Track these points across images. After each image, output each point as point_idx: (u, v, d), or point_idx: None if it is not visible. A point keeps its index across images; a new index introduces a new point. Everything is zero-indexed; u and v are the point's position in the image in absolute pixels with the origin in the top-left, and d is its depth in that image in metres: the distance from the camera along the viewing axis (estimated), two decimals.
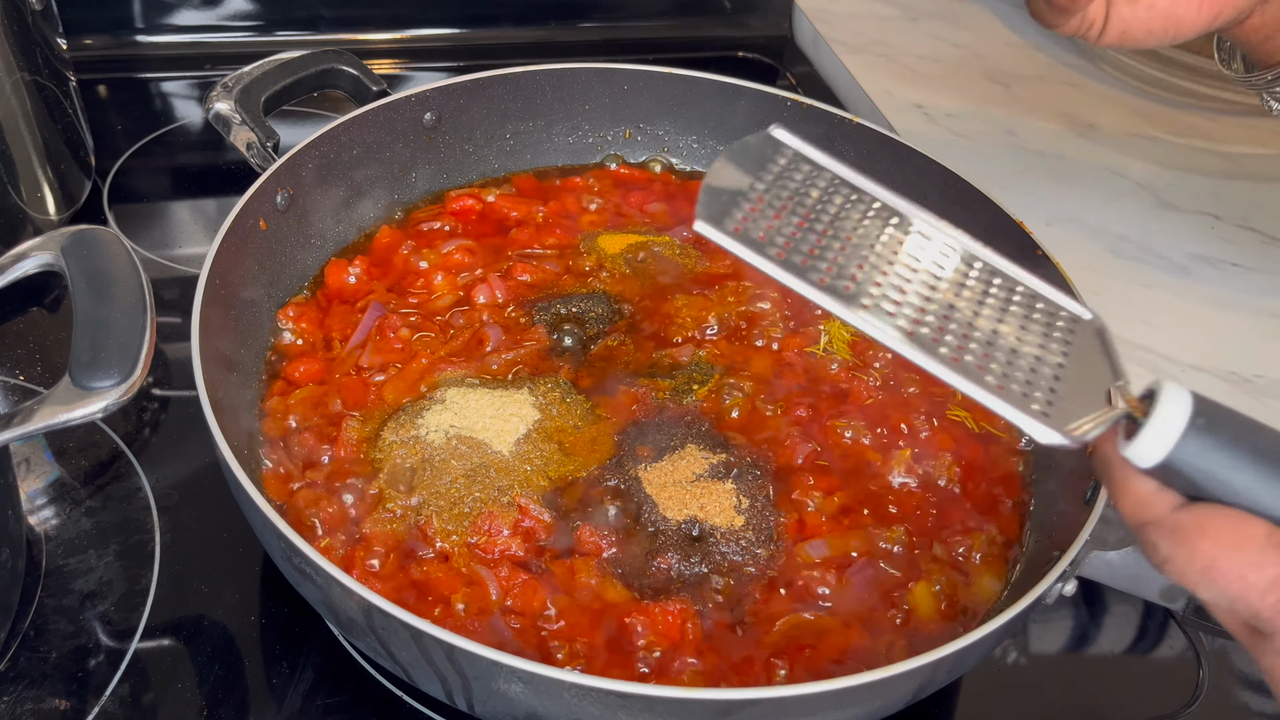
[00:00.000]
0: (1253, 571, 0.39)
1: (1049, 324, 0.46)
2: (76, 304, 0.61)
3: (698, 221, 0.45)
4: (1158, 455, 0.41)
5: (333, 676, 0.67)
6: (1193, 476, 0.40)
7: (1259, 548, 0.39)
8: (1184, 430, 0.40)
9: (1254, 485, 0.39)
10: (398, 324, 0.79)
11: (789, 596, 0.66)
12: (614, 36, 1.35)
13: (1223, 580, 0.40)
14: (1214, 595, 0.40)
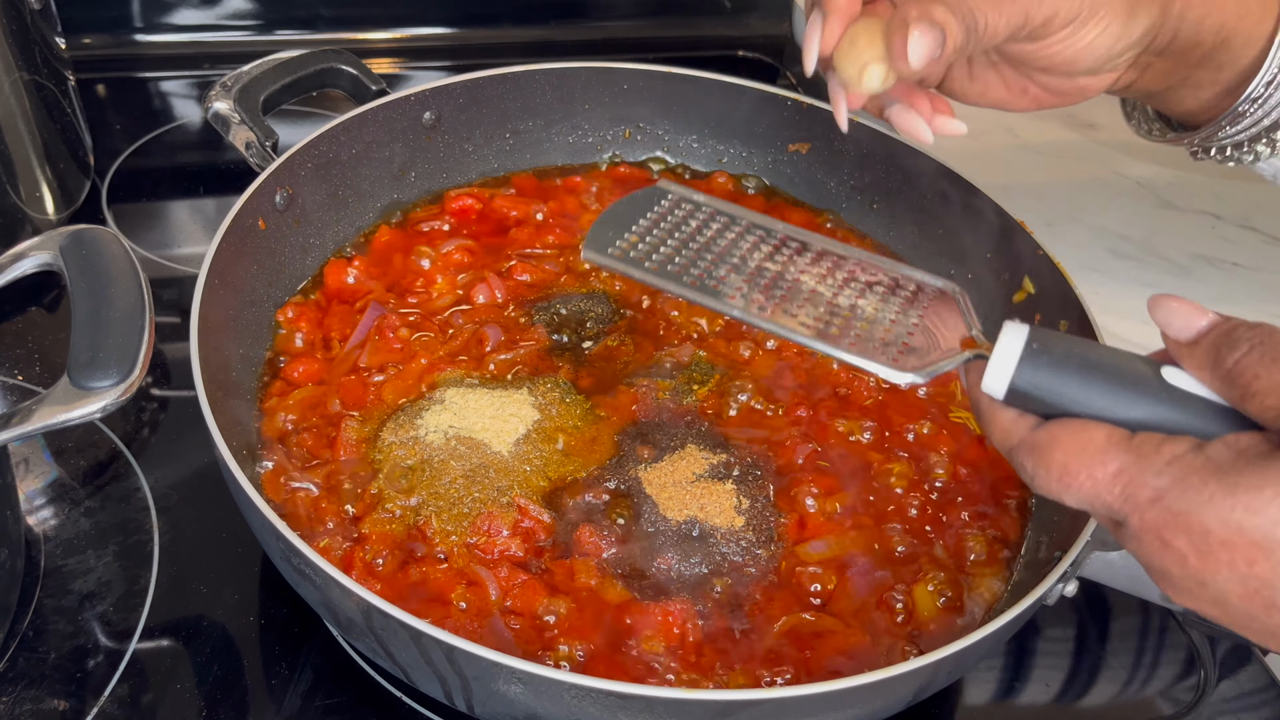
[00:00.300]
0: (1098, 469, 0.44)
1: (911, 298, 0.53)
2: (75, 304, 0.61)
3: (583, 251, 0.55)
4: (1003, 381, 0.46)
5: (332, 677, 0.67)
6: (1039, 396, 0.46)
7: (1100, 448, 0.44)
8: (1020, 356, 0.46)
9: (1088, 395, 0.45)
10: (397, 324, 0.79)
11: (789, 597, 0.66)
12: (614, 36, 1.35)
13: (1075, 483, 0.44)
14: (1075, 499, 0.45)
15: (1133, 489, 0.43)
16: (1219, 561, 0.41)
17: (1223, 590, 0.42)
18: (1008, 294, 0.82)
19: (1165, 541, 0.42)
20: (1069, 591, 0.61)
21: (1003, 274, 0.83)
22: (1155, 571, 0.44)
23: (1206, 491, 0.41)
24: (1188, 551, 0.42)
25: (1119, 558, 0.60)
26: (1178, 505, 0.42)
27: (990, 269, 0.84)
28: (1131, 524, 0.43)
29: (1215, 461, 0.42)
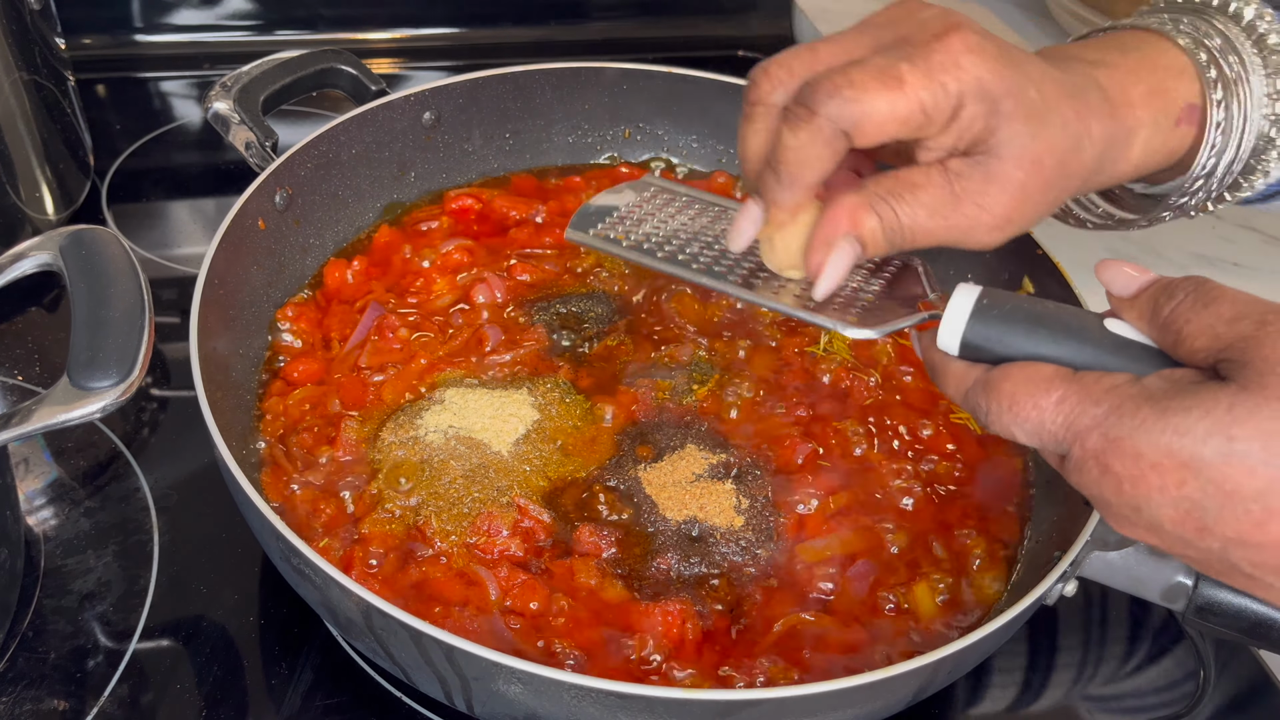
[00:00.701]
0: (1043, 398, 0.46)
1: (874, 269, 0.57)
2: (75, 304, 0.61)
3: (567, 231, 0.59)
4: (955, 335, 0.50)
5: (332, 677, 0.67)
6: (990, 348, 0.49)
7: (1045, 379, 0.46)
8: (971, 311, 0.50)
9: (1036, 344, 0.48)
10: (397, 324, 0.79)
11: (789, 597, 0.66)
12: (614, 36, 1.35)
13: (1023, 412, 0.47)
14: (1022, 430, 0.47)
15: (1074, 417, 0.45)
16: (1150, 486, 0.43)
17: (1156, 515, 0.44)
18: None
19: (1104, 467, 0.44)
20: (1068, 591, 0.61)
21: (1002, 274, 0.83)
22: (1096, 501, 0.46)
23: (1139, 416, 0.43)
24: (1123, 477, 0.44)
25: (1119, 557, 0.60)
26: (1114, 431, 0.44)
27: (990, 269, 0.84)
28: (1074, 454, 0.45)
29: (1149, 390, 0.44)
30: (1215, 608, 0.59)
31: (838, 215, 0.52)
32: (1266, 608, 0.58)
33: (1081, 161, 0.55)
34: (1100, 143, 0.56)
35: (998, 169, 0.52)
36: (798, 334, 0.82)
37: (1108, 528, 0.60)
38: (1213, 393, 0.42)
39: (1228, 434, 0.42)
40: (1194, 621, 0.60)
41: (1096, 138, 0.55)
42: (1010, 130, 0.51)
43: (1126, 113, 0.57)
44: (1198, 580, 0.59)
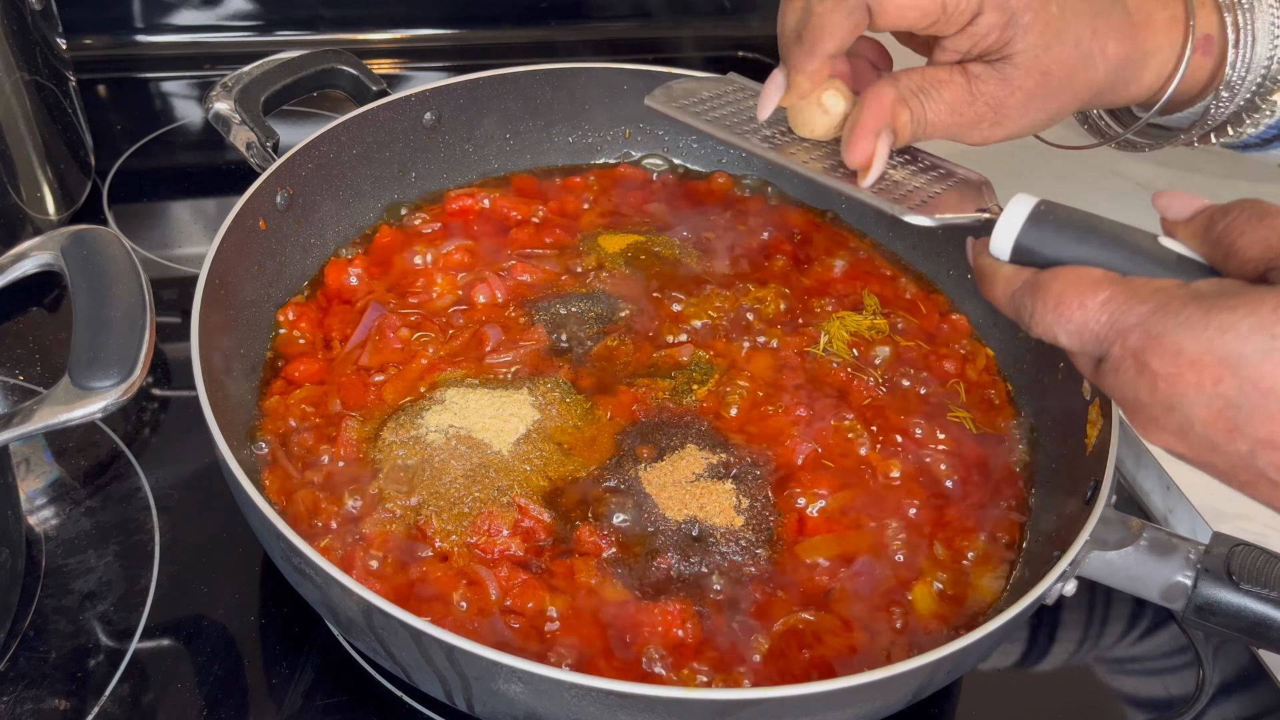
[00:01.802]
0: (1089, 297, 0.47)
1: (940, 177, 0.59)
2: (76, 304, 0.61)
3: (647, 99, 0.63)
4: (1009, 238, 0.51)
5: (333, 676, 0.67)
6: (1043, 253, 0.50)
7: (1094, 280, 0.47)
8: (1026, 218, 0.51)
9: (1089, 251, 0.49)
10: (397, 324, 0.79)
11: (789, 596, 0.66)
12: (614, 36, 1.35)
13: (1068, 311, 0.47)
14: (1066, 330, 0.47)
15: (1119, 314, 0.46)
16: (1187, 383, 0.43)
17: (1189, 414, 0.44)
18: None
19: (1142, 365, 0.45)
20: (1068, 591, 0.61)
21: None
22: (1128, 404, 0.46)
23: (1184, 314, 0.44)
24: (1160, 374, 0.44)
25: (1118, 557, 0.60)
26: (1157, 328, 0.44)
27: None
28: (1113, 353, 0.46)
29: (1197, 290, 0.45)
30: (1214, 607, 0.59)
31: (878, 107, 0.56)
32: (1266, 607, 0.58)
33: (1092, 77, 0.58)
34: (1114, 61, 0.58)
35: (1011, 75, 0.56)
36: (798, 334, 0.82)
37: (1107, 527, 0.61)
38: (1260, 294, 0.43)
39: (1271, 332, 0.42)
40: (1193, 621, 0.60)
41: (1111, 56, 0.58)
42: (1025, 42, 0.55)
43: (1146, 35, 0.59)
44: (1197, 580, 0.59)
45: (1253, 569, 0.58)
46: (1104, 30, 0.57)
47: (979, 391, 0.80)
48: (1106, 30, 0.58)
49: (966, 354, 0.83)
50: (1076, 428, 0.71)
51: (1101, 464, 0.65)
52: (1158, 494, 0.85)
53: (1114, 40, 0.58)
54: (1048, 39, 0.55)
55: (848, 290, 0.87)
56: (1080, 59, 0.57)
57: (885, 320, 0.84)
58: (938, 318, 0.86)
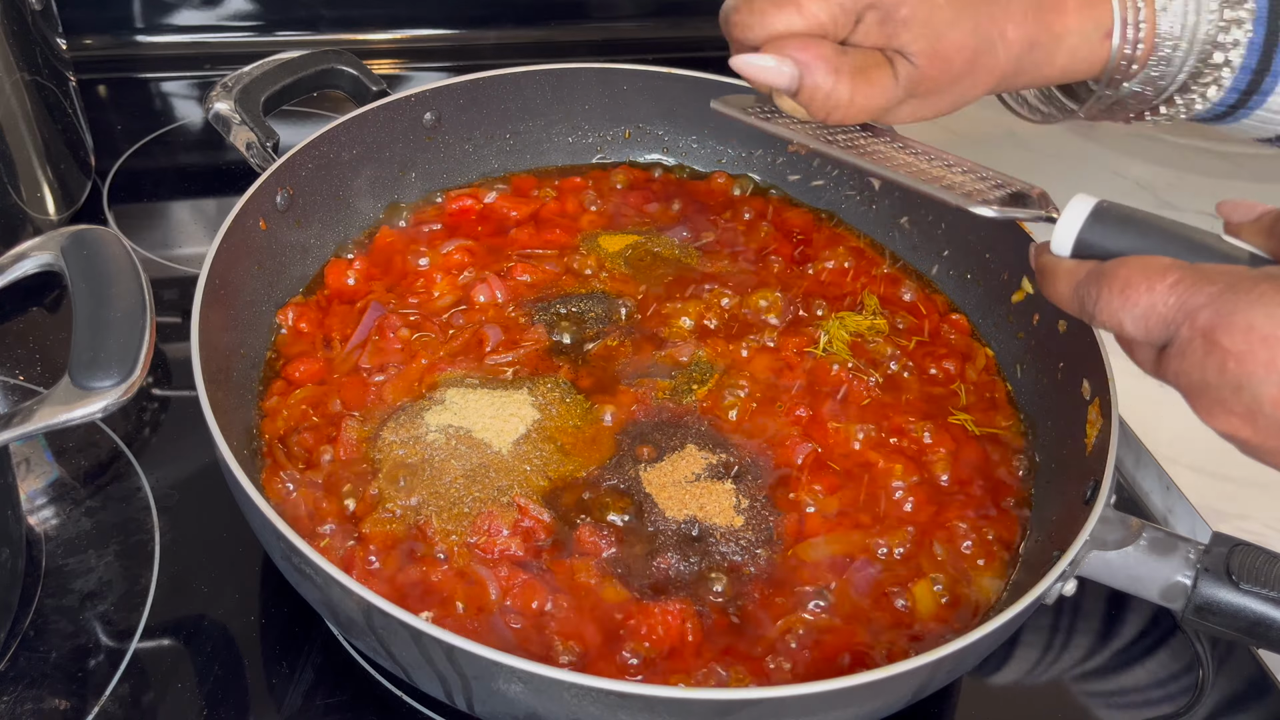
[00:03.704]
0: (1157, 280, 0.46)
1: (997, 184, 0.59)
2: (76, 304, 0.61)
3: (713, 102, 0.64)
4: (1071, 234, 0.52)
5: (333, 676, 0.67)
6: (1105, 247, 0.51)
7: (1163, 265, 0.47)
8: (1089, 214, 0.51)
9: (1152, 247, 0.49)
10: (397, 324, 0.79)
11: (789, 596, 0.66)
12: (614, 36, 1.35)
13: (1135, 294, 0.47)
14: (1132, 315, 0.47)
15: (1188, 295, 0.45)
16: (1257, 361, 0.43)
17: (1257, 394, 0.43)
18: (1007, 294, 0.82)
19: (1211, 344, 0.44)
20: (1068, 591, 0.61)
21: (1002, 274, 0.83)
22: (1194, 387, 0.45)
23: (1257, 291, 0.43)
24: (1230, 352, 0.43)
25: (1118, 557, 0.60)
26: (1228, 305, 0.44)
27: (989, 269, 0.84)
28: (1181, 334, 0.45)
29: (1269, 272, 0.44)
30: (1214, 607, 0.59)
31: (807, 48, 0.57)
32: (1266, 607, 0.58)
33: (994, 62, 0.59)
34: (1016, 45, 0.59)
35: (908, 65, 0.58)
36: (798, 334, 0.82)
37: (1106, 527, 0.61)
38: None
39: None
40: (1193, 621, 0.60)
41: (1012, 40, 0.59)
42: (910, 34, 0.57)
43: (1055, 19, 0.59)
44: (1197, 580, 0.59)
45: (1253, 569, 0.58)
46: (1002, 16, 0.58)
47: (979, 391, 0.81)
48: (1005, 16, 0.58)
49: (966, 354, 0.83)
50: (1076, 428, 0.71)
51: (1101, 464, 0.65)
52: (1158, 494, 0.85)
53: (1013, 25, 0.59)
54: (937, 28, 0.57)
55: (848, 290, 0.87)
56: (980, 44, 0.58)
57: (885, 320, 0.84)
58: (938, 318, 0.86)
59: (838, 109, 0.58)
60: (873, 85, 0.58)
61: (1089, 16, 0.60)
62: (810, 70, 0.57)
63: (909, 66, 0.58)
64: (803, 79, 0.57)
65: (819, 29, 0.57)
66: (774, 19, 0.57)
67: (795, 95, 0.59)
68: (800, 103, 0.59)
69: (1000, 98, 0.70)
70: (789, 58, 0.57)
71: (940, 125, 1.16)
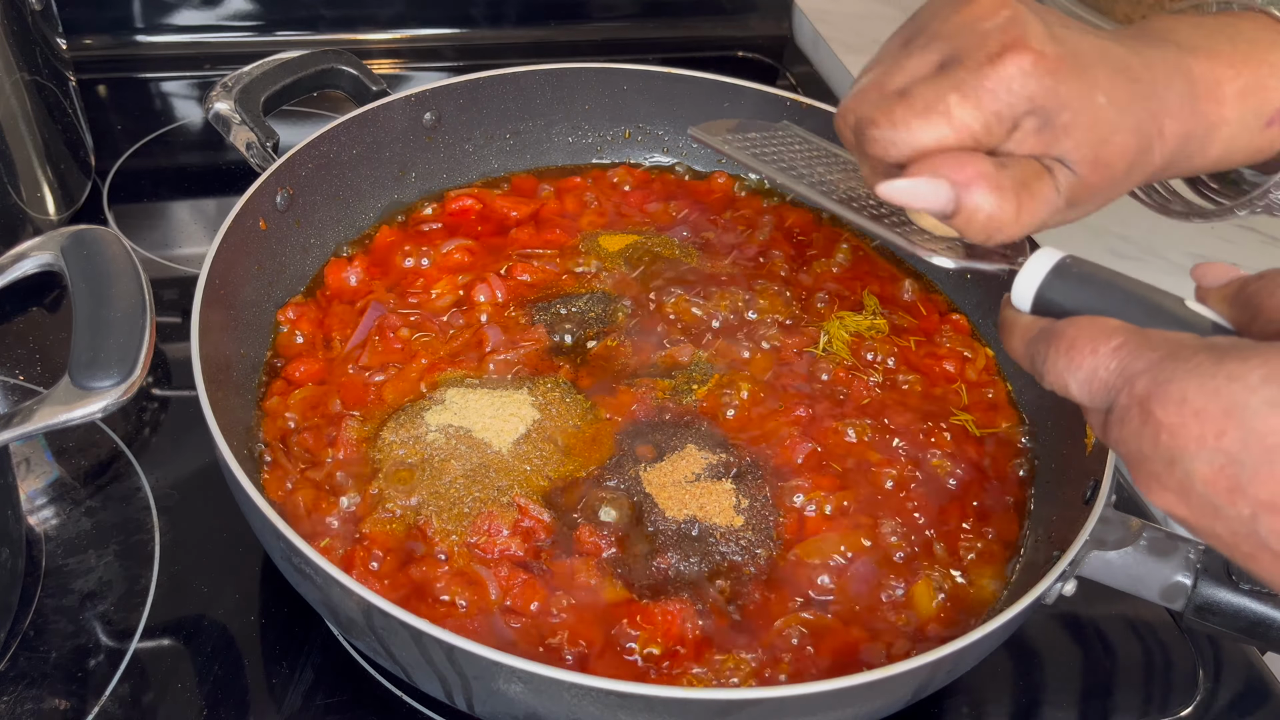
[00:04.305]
0: (1102, 343, 0.45)
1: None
2: (76, 304, 0.61)
3: (691, 129, 0.63)
4: (1031, 288, 0.51)
5: (333, 676, 0.67)
6: (1064, 305, 0.50)
7: (1110, 328, 0.45)
8: (1049, 270, 0.50)
9: (1109, 306, 0.48)
10: (397, 324, 0.79)
11: (789, 596, 0.66)
12: (614, 37, 1.35)
13: (1079, 357, 0.46)
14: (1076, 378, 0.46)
15: (1129, 360, 0.44)
16: (1189, 435, 0.41)
17: (1189, 470, 0.41)
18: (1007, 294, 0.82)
19: (1146, 414, 0.43)
20: (1067, 591, 0.61)
21: (1001, 274, 0.83)
22: (1131, 457, 0.44)
23: (1194, 360, 0.42)
24: (1163, 424, 0.42)
25: (1118, 557, 0.60)
26: (1165, 374, 0.42)
27: (990, 276, 0.84)
28: (1119, 402, 0.44)
29: (1212, 342, 0.42)
30: (1214, 607, 0.59)
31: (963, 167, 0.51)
32: (1266, 607, 0.58)
33: (1151, 160, 0.55)
34: (1173, 140, 0.55)
35: (1069, 175, 0.52)
36: (798, 334, 0.82)
37: (1106, 527, 0.61)
38: (1276, 348, 0.41)
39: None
40: (1193, 621, 0.60)
41: (1169, 136, 0.54)
42: (1072, 141, 0.51)
43: (1211, 109, 0.55)
44: (1196, 580, 0.59)
45: None
46: (1160, 111, 0.54)
47: (979, 391, 0.81)
48: (1163, 111, 0.54)
49: (966, 354, 0.83)
50: (1076, 428, 0.71)
51: (1101, 464, 0.65)
52: None
53: (1170, 119, 0.54)
54: (1101, 132, 0.52)
55: (848, 290, 0.87)
56: (1141, 144, 0.53)
57: (885, 320, 0.84)
58: (938, 318, 0.86)
59: (1002, 230, 0.52)
60: (1036, 200, 0.52)
61: (1250, 106, 0.56)
62: (970, 192, 0.50)
63: (1070, 176, 0.52)
64: (961, 201, 0.51)
65: (971, 141, 0.51)
66: (920, 133, 0.50)
67: (950, 217, 0.52)
68: (955, 225, 0.52)
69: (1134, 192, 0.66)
70: (945, 178, 0.50)
71: None
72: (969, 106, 0.50)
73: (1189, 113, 0.55)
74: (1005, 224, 0.52)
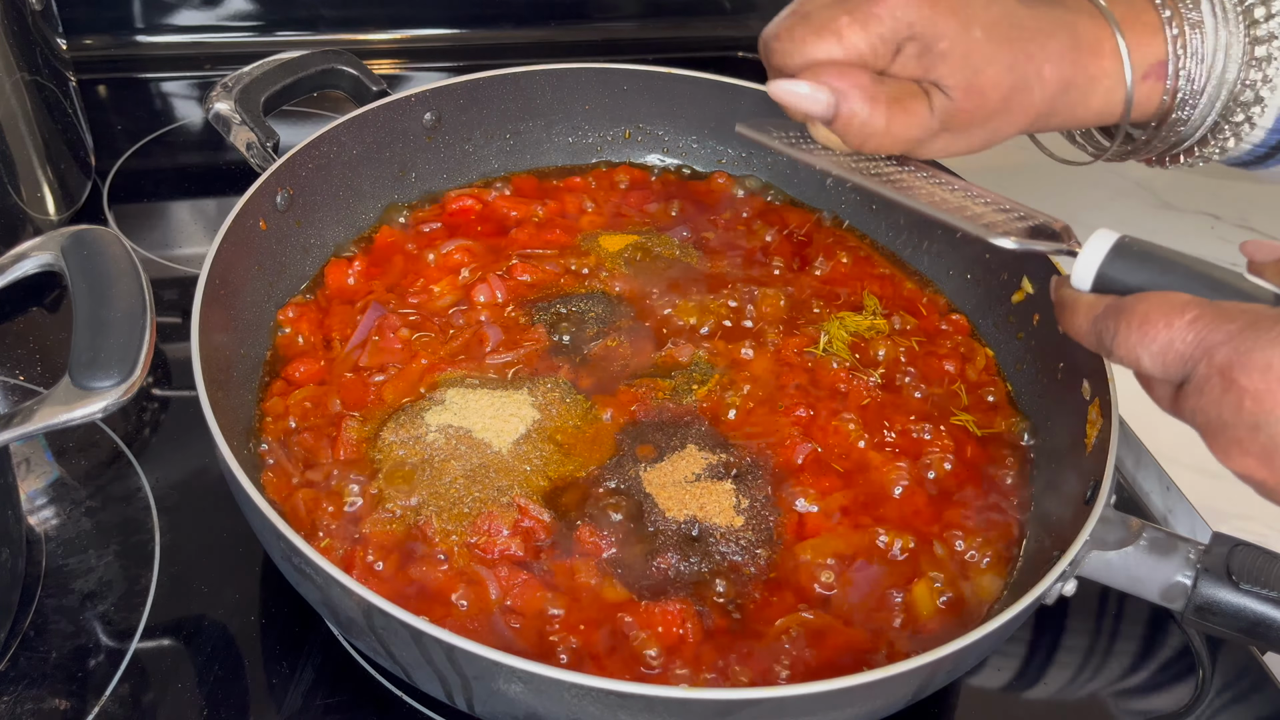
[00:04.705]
0: (1176, 316, 0.46)
1: (1021, 217, 0.59)
2: (76, 304, 0.61)
3: (739, 126, 0.65)
4: (1092, 269, 0.52)
5: (333, 676, 0.67)
6: (1125, 282, 0.51)
7: (1182, 302, 0.47)
8: (1110, 249, 0.51)
9: (1173, 282, 0.49)
10: (397, 324, 0.79)
11: (789, 596, 0.66)
12: (614, 36, 1.35)
13: (1153, 330, 0.47)
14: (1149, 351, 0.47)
15: (1206, 332, 0.45)
16: (1275, 400, 0.43)
17: (1273, 435, 0.43)
18: (1007, 294, 0.82)
19: (1229, 382, 0.44)
20: (1068, 591, 0.61)
21: (1001, 274, 0.83)
22: (1210, 425, 0.45)
23: (1276, 330, 0.43)
24: (1247, 391, 0.43)
25: (1118, 557, 0.60)
26: (1246, 343, 0.44)
27: (989, 269, 0.84)
28: (1198, 372, 0.45)
29: None
30: (1214, 607, 0.59)
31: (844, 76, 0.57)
32: (1266, 607, 0.58)
33: (1030, 100, 0.59)
34: (1052, 85, 0.59)
35: (944, 98, 0.58)
36: (798, 334, 0.82)
37: (1106, 527, 0.61)
38: None
39: None
40: (1193, 621, 0.60)
41: (1048, 80, 0.59)
42: (948, 67, 0.57)
43: (1091, 61, 0.60)
44: (1197, 580, 0.59)
45: (1253, 569, 0.58)
46: (1039, 54, 0.58)
47: (979, 391, 0.81)
48: (1043, 55, 0.59)
49: (966, 354, 0.83)
50: (1076, 428, 0.71)
51: (1101, 464, 0.65)
52: (1158, 494, 0.85)
53: (1051, 64, 0.59)
54: (975, 63, 0.57)
55: (848, 290, 0.87)
56: (1016, 82, 0.58)
57: (885, 320, 0.84)
58: (938, 318, 0.86)
59: (872, 137, 0.58)
60: (909, 115, 0.57)
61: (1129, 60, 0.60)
62: (846, 98, 0.57)
63: (945, 99, 0.58)
64: (839, 106, 0.57)
65: (858, 58, 0.57)
66: (813, 47, 0.57)
67: (831, 123, 0.58)
68: (835, 130, 0.58)
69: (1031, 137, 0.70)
70: (826, 85, 0.57)
71: None
72: (857, 28, 0.56)
73: (1069, 62, 0.59)
74: (875, 132, 0.57)
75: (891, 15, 0.56)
